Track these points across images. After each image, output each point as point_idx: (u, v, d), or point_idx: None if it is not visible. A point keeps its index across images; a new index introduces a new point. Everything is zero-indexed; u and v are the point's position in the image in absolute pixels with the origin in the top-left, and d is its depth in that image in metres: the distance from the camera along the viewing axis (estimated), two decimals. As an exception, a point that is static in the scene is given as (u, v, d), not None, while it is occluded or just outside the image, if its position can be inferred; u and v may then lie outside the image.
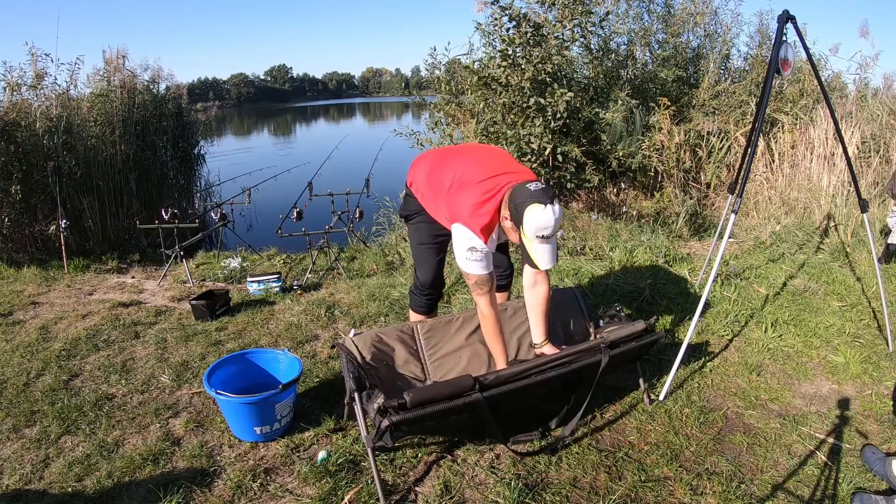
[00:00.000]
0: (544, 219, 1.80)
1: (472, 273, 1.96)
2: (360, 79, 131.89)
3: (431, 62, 5.70)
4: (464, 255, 1.95)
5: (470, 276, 1.98)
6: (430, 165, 2.21)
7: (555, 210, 1.82)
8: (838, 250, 4.26)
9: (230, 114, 49.02)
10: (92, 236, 5.47)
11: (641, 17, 6.94)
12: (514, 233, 1.93)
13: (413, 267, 2.46)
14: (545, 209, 1.80)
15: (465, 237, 1.94)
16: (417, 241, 2.34)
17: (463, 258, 1.96)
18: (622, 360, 2.17)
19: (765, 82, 2.57)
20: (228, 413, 2.13)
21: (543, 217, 1.80)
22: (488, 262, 1.98)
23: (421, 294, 2.41)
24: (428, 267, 2.34)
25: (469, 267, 1.96)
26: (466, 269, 1.97)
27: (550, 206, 1.81)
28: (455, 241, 1.99)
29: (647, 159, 5.75)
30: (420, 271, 2.37)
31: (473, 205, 1.93)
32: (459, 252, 1.97)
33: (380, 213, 5.89)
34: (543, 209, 1.79)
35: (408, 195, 2.32)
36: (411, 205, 2.29)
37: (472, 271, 1.96)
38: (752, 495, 1.83)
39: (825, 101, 2.81)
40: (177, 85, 7.20)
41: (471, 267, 1.96)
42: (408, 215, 2.34)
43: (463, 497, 1.83)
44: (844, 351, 2.74)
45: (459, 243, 1.96)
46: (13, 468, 1.98)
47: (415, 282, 2.43)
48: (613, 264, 3.99)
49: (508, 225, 1.93)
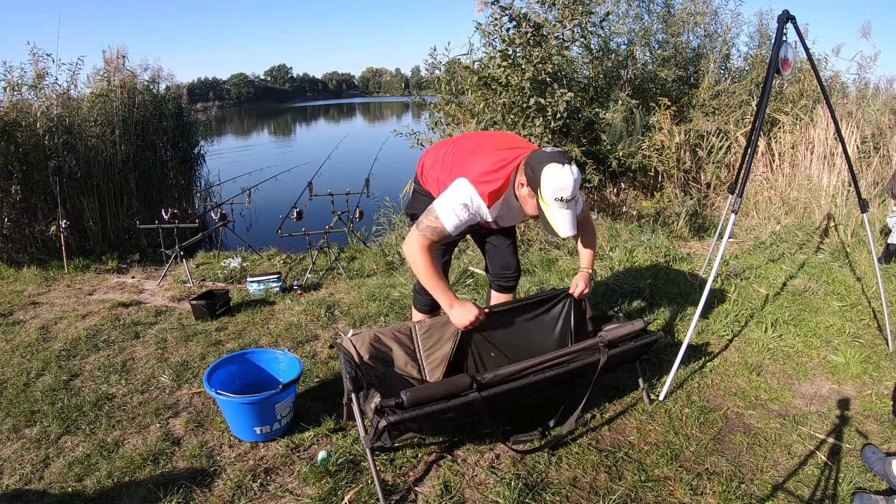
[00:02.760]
0: (563, 178, 1.72)
1: (443, 222, 1.82)
2: (360, 79, 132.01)
3: (431, 62, 5.70)
4: (451, 204, 1.82)
5: (434, 222, 1.83)
6: (444, 149, 2.13)
7: (573, 171, 1.75)
8: (838, 250, 4.26)
9: (230, 114, 49.04)
10: (92, 236, 5.47)
11: (641, 17, 6.95)
12: (530, 200, 1.82)
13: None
14: (563, 168, 1.73)
15: (466, 193, 1.83)
16: None
17: (448, 207, 1.82)
18: (621, 360, 2.17)
19: (765, 82, 2.57)
20: (228, 413, 2.13)
21: (562, 176, 1.72)
22: (462, 227, 1.87)
23: (424, 294, 2.38)
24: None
25: (446, 216, 1.82)
26: (441, 216, 1.82)
27: (569, 166, 1.74)
28: (450, 189, 1.86)
29: (647, 159, 5.75)
30: None
31: (485, 170, 1.84)
32: (447, 199, 1.83)
33: (380, 213, 5.89)
34: (562, 168, 1.72)
35: (416, 192, 2.25)
36: (420, 202, 2.20)
37: (446, 223, 1.83)
38: (752, 495, 1.83)
39: (825, 101, 2.81)
40: (177, 85, 7.20)
41: (448, 218, 1.82)
42: (415, 214, 2.23)
43: (463, 497, 1.83)
44: (844, 351, 2.74)
45: (454, 193, 1.84)
46: (13, 468, 1.98)
47: (418, 282, 2.41)
48: (613, 264, 3.99)
49: (525, 192, 1.83)
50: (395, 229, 5.48)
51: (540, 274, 3.91)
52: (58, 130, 5.23)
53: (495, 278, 2.42)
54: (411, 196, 2.33)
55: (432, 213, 1.86)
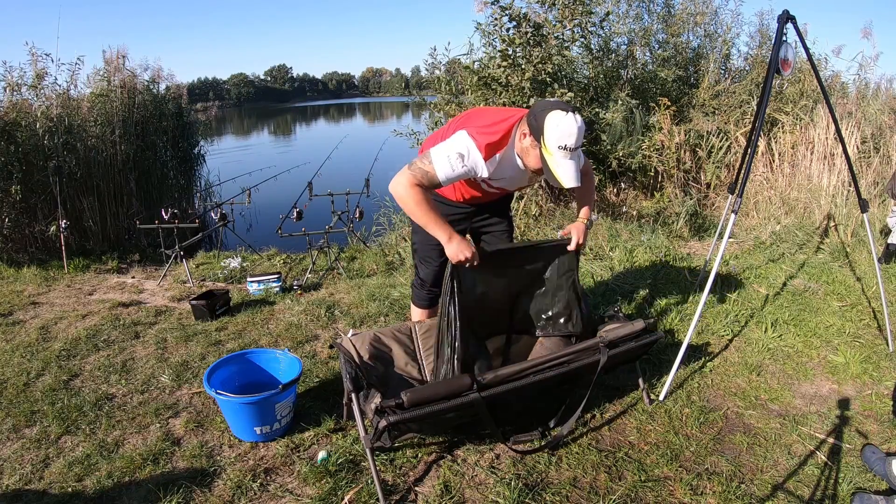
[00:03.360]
0: (567, 124, 1.68)
1: (436, 167, 1.77)
2: (360, 79, 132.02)
3: (431, 62, 5.71)
4: (447, 151, 1.77)
5: (427, 166, 1.78)
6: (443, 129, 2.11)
7: (577, 118, 1.71)
8: (838, 250, 4.26)
9: (230, 114, 49.01)
10: (92, 236, 5.47)
11: (641, 17, 6.95)
12: (533, 150, 1.78)
13: (414, 262, 2.42)
14: (567, 115, 1.69)
15: (463, 143, 1.78)
16: (423, 240, 2.25)
17: (443, 153, 1.77)
18: (621, 360, 2.17)
19: (765, 82, 2.57)
20: (228, 413, 2.13)
21: (566, 122, 1.68)
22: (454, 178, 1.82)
23: (422, 288, 2.39)
24: (431, 267, 2.31)
25: (440, 163, 1.77)
26: (434, 161, 1.77)
27: (573, 113, 1.71)
28: (448, 140, 1.82)
29: (647, 159, 5.75)
30: (422, 269, 2.34)
31: (487, 123, 1.82)
32: (443, 146, 1.79)
33: (380, 213, 5.89)
34: (566, 115, 1.69)
35: None
36: None
37: (438, 169, 1.77)
38: (752, 495, 1.83)
39: (825, 101, 2.81)
40: (177, 85, 7.19)
41: (441, 164, 1.77)
42: None
43: (463, 497, 1.83)
44: (844, 351, 2.74)
45: (451, 142, 1.80)
46: (13, 468, 1.98)
47: (416, 277, 2.41)
48: (613, 264, 3.99)
49: (527, 142, 1.78)
50: (395, 229, 5.49)
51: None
52: (58, 130, 5.23)
53: None
54: None
55: (427, 157, 1.80)
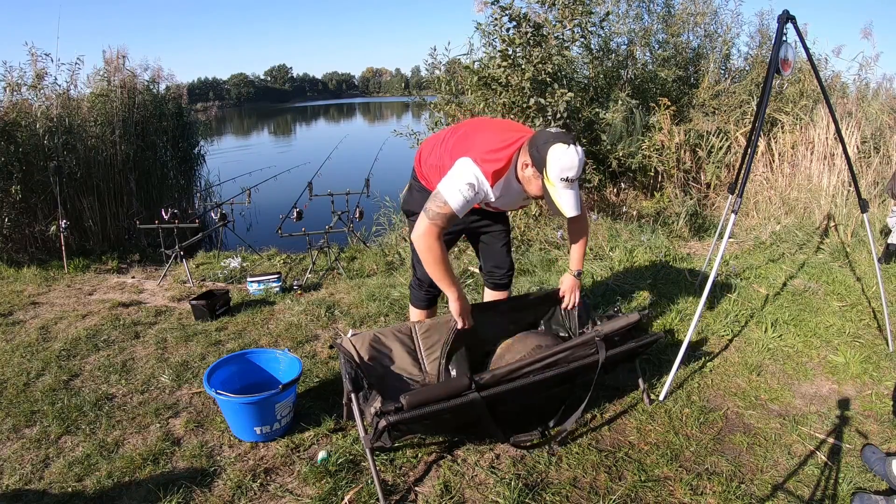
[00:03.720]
0: (568, 158, 1.73)
1: (451, 204, 1.80)
2: (360, 79, 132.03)
3: (431, 62, 5.71)
4: (457, 185, 1.80)
5: (443, 207, 1.81)
6: (443, 135, 2.11)
7: (578, 150, 1.75)
8: (838, 250, 4.26)
9: (230, 114, 49.02)
10: (92, 236, 5.47)
11: (641, 17, 6.95)
12: (535, 180, 1.82)
13: (412, 262, 2.42)
14: (569, 148, 1.73)
15: (470, 172, 1.81)
16: None
17: (454, 187, 1.80)
18: (621, 358, 2.17)
19: (765, 82, 2.57)
20: (228, 413, 2.13)
21: (567, 156, 1.73)
22: (468, 207, 1.85)
23: (420, 289, 2.39)
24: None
25: (453, 197, 1.80)
26: (447, 198, 1.80)
27: (574, 146, 1.75)
28: (453, 171, 1.84)
29: (647, 159, 5.75)
30: (420, 268, 2.33)
31: (490, 149, 1.84)
32: (451, 180, 1.82)
33: (380, 213, 5.89)
34: (567, 148, 1.73)
35: (412, 187, 2.24)
36: (416, 198, 2.19)
37: (453, 203, 1.80)
38: (752, 495, 1.83)
39: (825, 102, 2.81)
40: (177, 85, 7.20)
41: (454, 198, 1.80)
42: (411, 211, 2.24)
43: (463, 497, 1.83)
44: (844, 351, 2.74)
45: (458, 173, 1.82)
46: (13, 468, 1.98)
47: (414, 277, 2.41)
48: (613, 264, 3.99)
49: (529, 172, 1.82)
50: (395, 229, 5.49)
51: (540, 274, 3.91)
52: (58, 130, 5.23)
53: (488, 276, 2.44)
54: (407, 192, 2.31)
55: (439, 198, 1.83)
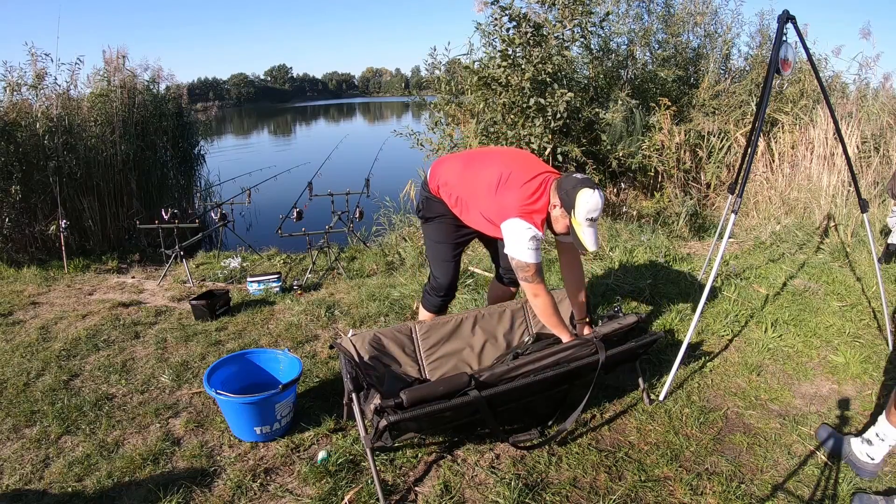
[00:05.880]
0: (594, 201, 1.96)
1: (532, 262, 2.06)
2: (360, 79, 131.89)
3: (431, 62, 5.71)
4: (525, 245, 2.04)
5: (528, 267, 2.07)
6: (460, 168, 2.24)
7: (600, 194, 1.99)
8: (838, 250, 4.26)
9: (230, 114, 48.96)
10: (92, 236, 5.48)
11: (641, 17, 6.95)
12: (563, 220, 2.05)
13: (430, 267, 2.47)
14: (594, 193, 1.96)
15: (525, 228, 2.03)
16: (437, 239, 2.35)
17: (524, 248, 2.05)
18: (621, 358, 2.17)
19: (765, 82, 2.57)
20: (228, 413, 2.13)
21: (594, 200, 1.96)
22: (540, 252, 2.11)
23: (437, 294, 2.43)
24: (447, 267, 2.36)
25: (529, 257, 2.06)
26: (527, 260, 2.06)
27: (598, 190, 1.98)
28: (511, 234, 2.07)
29: (647, 159, 5.75)
30: (438, 271, 2.38)
31: (527, 202, 2.06)
32: (519, 244, 2.05)
33: (380, 213, 5.89)
34: (593, 193, 1.96)
35: (428, 199, 2.33)
36: (435, 208, 2.31)
37: (533, 260, 2.07)
38: (752, 495, 1.83)
39: (825, 102, 2.81)
40: (177, 85, 7.21)
41: (531, 256, 2.06)
42: (427, 217, 2.35)
43: (463, 497, 1.83)
44: (844, 351, 2.74)
45: (518, 235, 2.05)
46: (13, 468, 1.98)
47: (431, 282, 2.44)
48: (613, 264, 3.99)
49: (558, 213, 2.05)
50: (395, 229, 5.48)
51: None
52: (58, 130, 5.23)
53: (503, 273, 2.58)
54: (423, 202, 2.37)
55: (521, 266, 2.08)
